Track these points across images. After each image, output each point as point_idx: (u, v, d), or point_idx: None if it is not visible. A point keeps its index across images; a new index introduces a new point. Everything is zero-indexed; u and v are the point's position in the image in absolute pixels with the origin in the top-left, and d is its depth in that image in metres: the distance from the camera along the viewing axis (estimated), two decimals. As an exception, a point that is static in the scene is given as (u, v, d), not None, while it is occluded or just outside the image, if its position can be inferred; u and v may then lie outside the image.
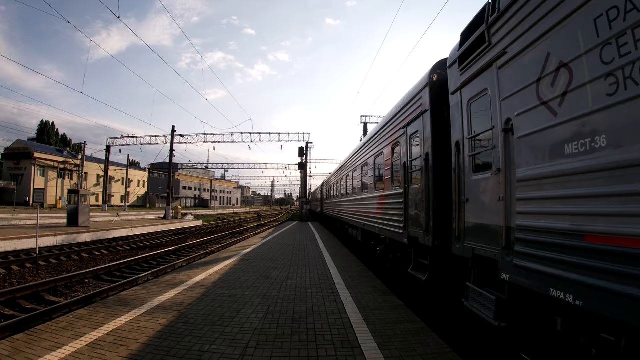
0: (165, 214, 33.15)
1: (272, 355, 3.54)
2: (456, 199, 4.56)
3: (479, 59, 3.96)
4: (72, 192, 20.95)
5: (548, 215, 2.80)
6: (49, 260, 11.43)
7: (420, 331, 4.22)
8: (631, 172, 2.07)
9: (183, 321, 4.48)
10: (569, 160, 2.57)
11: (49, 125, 72.53)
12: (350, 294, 5.95)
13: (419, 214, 5.71)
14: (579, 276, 2.43)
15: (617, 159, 2.17)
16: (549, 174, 2.79)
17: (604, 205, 2.28)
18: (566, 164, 2.60)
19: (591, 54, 2.37)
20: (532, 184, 3.01)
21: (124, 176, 56.63)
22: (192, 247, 16.06)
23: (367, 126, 34.72)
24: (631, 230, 2.06)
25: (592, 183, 2.37)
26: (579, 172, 2.48)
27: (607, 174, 2.25)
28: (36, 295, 7.42)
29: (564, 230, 2.60)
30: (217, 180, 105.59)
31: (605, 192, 2.27)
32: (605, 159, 2.25)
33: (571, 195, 2.56)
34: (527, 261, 3.03)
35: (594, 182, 2.35)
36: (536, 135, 2.96)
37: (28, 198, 45.64)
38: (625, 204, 2.12)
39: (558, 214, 2.69)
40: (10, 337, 3.97)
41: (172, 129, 34.81)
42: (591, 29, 2.37)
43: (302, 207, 36.46)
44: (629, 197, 2.09)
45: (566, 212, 2.61)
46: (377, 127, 9.51)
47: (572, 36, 2.55)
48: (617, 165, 2.17)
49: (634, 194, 2.06)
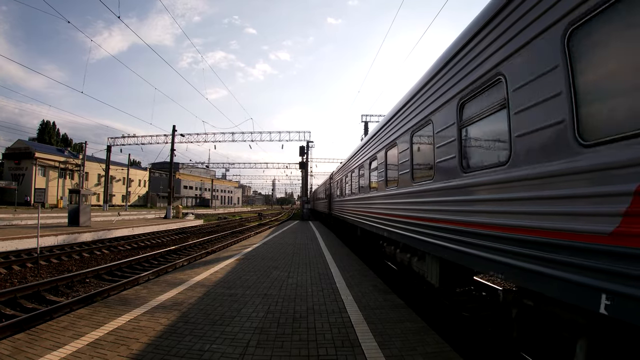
0: (166, 213, 33.20)
1: (272, 354, 3.54)
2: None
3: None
4: (73, 191, 20.98)
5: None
6: (50, 260, 11.46)
7: (421, 330, 4.21)
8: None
9: (184, 320, 4.49)
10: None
11: (49, 125, 72.61)
12: (351, 293, 5.95)
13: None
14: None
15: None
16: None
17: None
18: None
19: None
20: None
21: (124, 176, 56.70)
22: (193, 246, 16.07)
23: (367, 125, 34.63)
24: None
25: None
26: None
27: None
28: (37, 294, 7.44)
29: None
30: (218, 179, 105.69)
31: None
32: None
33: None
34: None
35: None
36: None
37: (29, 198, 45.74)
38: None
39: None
40: (11, 336, 3.97)
41: (173, 128, 34.90)
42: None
43: (303, 206, 36.45)
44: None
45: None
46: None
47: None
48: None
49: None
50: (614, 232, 2.14)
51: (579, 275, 2.38)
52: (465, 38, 4.00)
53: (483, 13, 3.67)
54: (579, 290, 2.38)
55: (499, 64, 3.33)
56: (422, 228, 5.27)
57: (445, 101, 4.53)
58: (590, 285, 2.28)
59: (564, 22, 2.55)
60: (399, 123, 6.70)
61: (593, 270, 2.28)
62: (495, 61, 3.39)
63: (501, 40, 3.30)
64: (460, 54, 4.16)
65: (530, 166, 2.91)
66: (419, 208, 5.42)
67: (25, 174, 48.72)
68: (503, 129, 3.29)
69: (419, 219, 5.39)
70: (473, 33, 3.83)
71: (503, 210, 3.24)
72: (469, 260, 3.85)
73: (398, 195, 6.55)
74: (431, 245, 4.93)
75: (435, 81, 4.91)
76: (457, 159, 4.15)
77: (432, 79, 5.00)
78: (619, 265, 2.11)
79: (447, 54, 4.51)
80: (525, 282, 2.95)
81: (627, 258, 2.06)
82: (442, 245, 4.51)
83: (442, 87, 4.63)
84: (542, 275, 2.72)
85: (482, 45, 3.66)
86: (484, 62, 3.62)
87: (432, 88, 5.00)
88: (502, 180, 3.26)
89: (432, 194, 4.91)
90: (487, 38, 3.55)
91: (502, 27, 3.31)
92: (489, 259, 3.44)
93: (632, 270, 2.03)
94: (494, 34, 3.44)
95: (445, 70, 4.57)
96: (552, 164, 2.67)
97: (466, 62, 4.00)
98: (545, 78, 2.74)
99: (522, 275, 2.97)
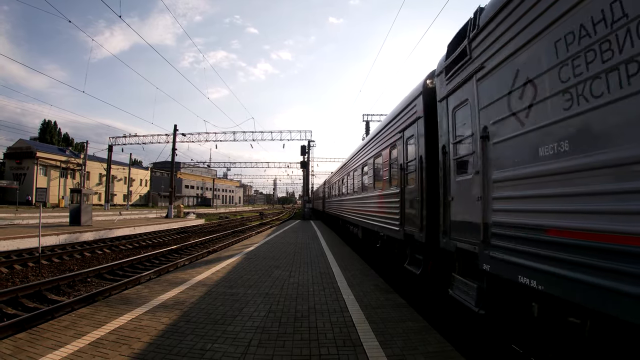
0: (168, 212, 33.20)
1: (274, 353, 3.53)
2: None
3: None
4: (74, 191, 21.01)
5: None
6: (52, 259, 11.48)
7: (422, 329, 4.20)
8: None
9: (185, 320, 4.48)
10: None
11: (51, 125, 72.71)
12: (352, 292, 5.94)
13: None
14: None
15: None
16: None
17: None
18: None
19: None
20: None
21: (126, 175, 56.75)
22: (194, 245, 16.08)
23: (369, 124, 34.60)
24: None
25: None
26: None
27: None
28: (39, 294, 7.45)
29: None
30: (219, 179, 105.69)
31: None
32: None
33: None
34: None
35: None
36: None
37: (30, 197, 45.91)
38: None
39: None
40: (13, 336, 3.98)
41: (175, 127, 34.89)
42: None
43: (304, 205, 36.43)
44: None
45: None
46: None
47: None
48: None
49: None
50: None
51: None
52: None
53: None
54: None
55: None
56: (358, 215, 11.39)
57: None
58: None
59: None
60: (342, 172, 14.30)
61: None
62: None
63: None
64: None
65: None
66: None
67: (27, 174, 48.86)
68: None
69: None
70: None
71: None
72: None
73: (351, 200, 13.29)
74: (360, 221, 9.90)
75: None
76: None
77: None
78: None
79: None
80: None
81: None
82: (363, 220, 8.72)
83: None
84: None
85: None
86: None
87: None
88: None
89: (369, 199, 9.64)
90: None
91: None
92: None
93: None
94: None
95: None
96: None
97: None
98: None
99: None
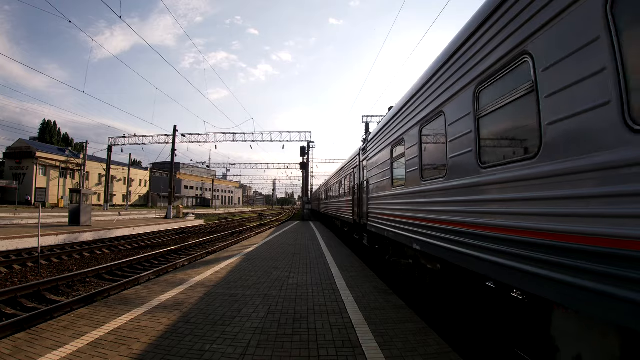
0: (167, 213, 33.19)
1: (272, 354, 3.53)
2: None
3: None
4: (73, 191, 21.01)
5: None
6: (51, 260, 11.47)
7: (422, 331, 4.20)
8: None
9: (184, 320, 4.48)
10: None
11: (51, 125, 72.74)
12: (352, 294, 5.94)
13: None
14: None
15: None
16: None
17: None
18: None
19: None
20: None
21: (125, 175, 56.70)
22: (194, 246, 16.08)
23: (368, 125, 34.60)
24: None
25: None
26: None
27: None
28: (37, 294, 7.44)
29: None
30: (218, 179, 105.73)
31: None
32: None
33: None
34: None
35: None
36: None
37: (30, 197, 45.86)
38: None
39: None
40: (12, 335, 3.98)
41: (174, 128, 34.90)
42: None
43: (304, 206, 36.46)
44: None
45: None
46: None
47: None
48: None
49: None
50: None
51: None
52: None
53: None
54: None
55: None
56: (337, 211, 19.06)
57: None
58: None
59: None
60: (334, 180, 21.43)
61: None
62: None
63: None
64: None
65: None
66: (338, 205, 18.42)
67: (26, 174, 48.80)
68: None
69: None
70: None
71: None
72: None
73: (334, 202, 20.50)
74: (338, 215, 18.85)
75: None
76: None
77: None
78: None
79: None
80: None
81: None
82: (340, 215, 18.04)
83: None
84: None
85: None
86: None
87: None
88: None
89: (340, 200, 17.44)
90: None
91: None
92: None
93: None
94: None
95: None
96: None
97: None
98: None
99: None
